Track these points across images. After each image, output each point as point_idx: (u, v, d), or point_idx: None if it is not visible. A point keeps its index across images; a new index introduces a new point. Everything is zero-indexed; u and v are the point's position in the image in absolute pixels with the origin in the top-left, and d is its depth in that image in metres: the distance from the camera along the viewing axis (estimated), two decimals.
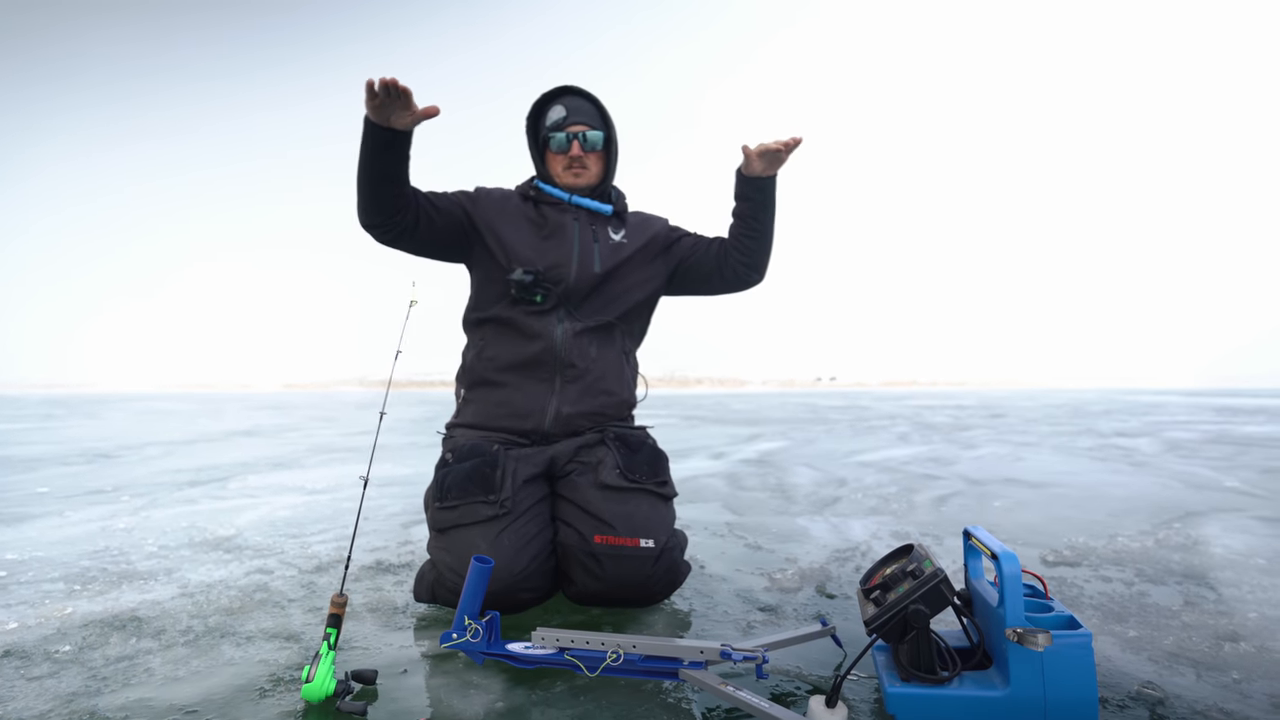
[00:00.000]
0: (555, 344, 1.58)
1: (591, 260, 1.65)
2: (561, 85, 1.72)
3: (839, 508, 2.76)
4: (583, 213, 1.69)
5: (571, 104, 1.68)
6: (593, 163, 1.69)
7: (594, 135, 1.67)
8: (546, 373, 1.59)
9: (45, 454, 5.15)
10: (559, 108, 1.67)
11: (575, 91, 1.70)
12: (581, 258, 1.64)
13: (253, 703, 1.08)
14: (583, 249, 1.65)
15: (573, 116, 1.66)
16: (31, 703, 1.09)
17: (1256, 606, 1.50)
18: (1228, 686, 1.12)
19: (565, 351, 1.59)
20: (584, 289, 1.63)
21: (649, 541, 1.42)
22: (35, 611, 1.53)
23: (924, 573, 1.05)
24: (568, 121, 1.66)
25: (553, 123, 1.67)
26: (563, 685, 1.13)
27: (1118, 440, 5.62)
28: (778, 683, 1.15)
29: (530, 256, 1.61)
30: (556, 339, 1.58)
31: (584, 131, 1.65)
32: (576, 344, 1.60)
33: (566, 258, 1.63)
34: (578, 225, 1.67)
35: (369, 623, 1.44)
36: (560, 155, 1.68)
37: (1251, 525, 2.34)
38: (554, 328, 1.59)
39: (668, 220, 1.82)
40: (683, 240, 1.79)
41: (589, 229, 1.68)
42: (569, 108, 1.67)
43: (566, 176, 1.68)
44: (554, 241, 1.64)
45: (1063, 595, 1.58)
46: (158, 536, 2.29)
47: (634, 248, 1.71)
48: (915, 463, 4.22)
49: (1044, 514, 2.58)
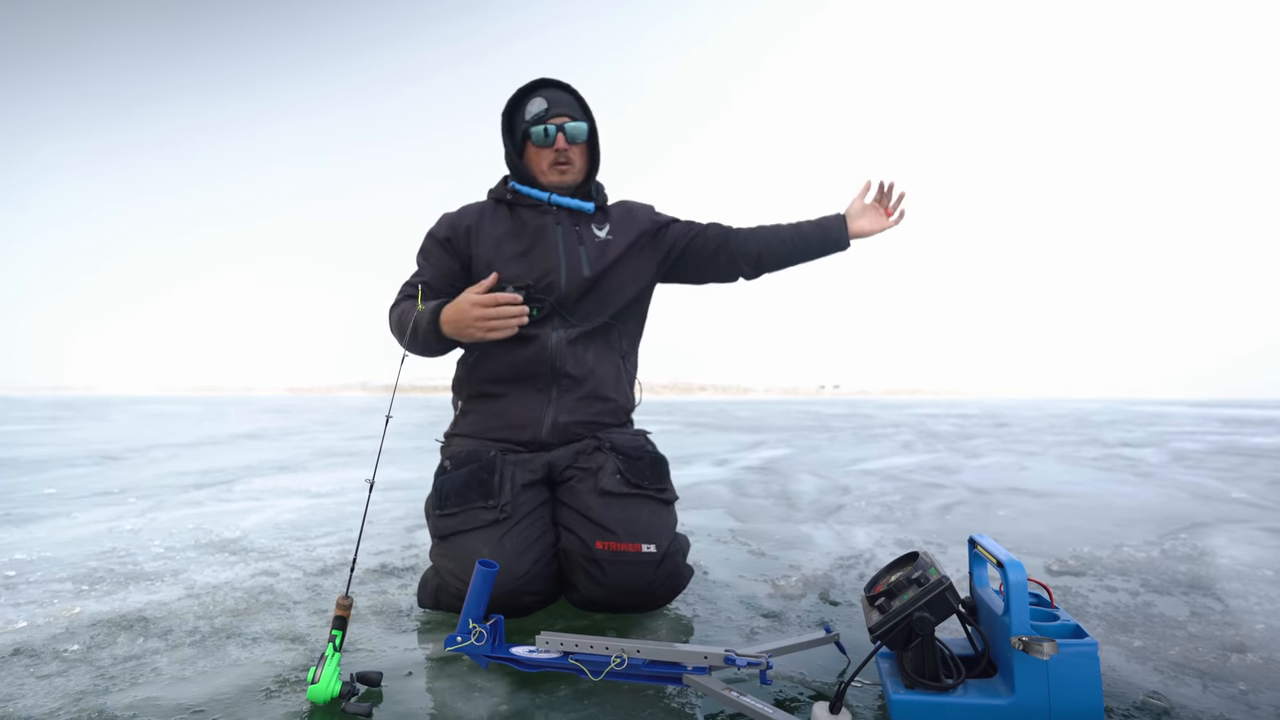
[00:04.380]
0: (550, 353, 1.56)
1: (580, 264, 1.59)
2: (539, 78, 1.61)
3: (843, 515, 2.75)
4: (564, 213, 1.62)
5: (552, 96, 1.59)
6: (577, 157, 1.61)
7: (577, 127, 1.58)
8: (543, 382, 1.57)
9: (53, 456, 5.18)
10: (539, 100, 1.58)
11: (554, 84, 1.61)
12: (569, 263, 1.58)
13: (259, 703, 1.09)
14: (569, 253, 1.59)
15: (555, 108, 1.57)
16: (41, 700, 1.10)
17: (1264, 618, 1.49)
18: (1234, 697, 1.12)
19: (561, 360, 1.56)
20: (575, 294, 1.58)
21: (651, 546, 1.41)
22: (44, 611, 1.55)
23: (929, 580, 1.05)
24: (550, 114, 1.57)
25: (533, 115, 1.57)
26: (567, 689, 1.13)
27: (1123, 450, 5.60)
28: (781, 689, 1.15)
29: (518, 271, 1.56)
30: (550, 347, 1.56)
31: (567, 123, 1.57)
32: (572, 351, 1.57)
33: (554, 265, 1.57)
34: (560, 229, 1.60)
35: (374, 625, 1.45)
36: (544, 150, 1.59)
37: (1259, 536, 2.32)
38: (548, 336, 1.56)
39: (652, 207, 1.76)
40: (671, 227, 1.73)
41: (572, 230, 1.61)
42: (550, 100, 1.58)
43: (551, 174, 1.61)
44: (538, 250, 1.59)
45: (1068, 605, 1.58)
46: (164, 538, 2.30)
47: (623, 244, 1.65)
48: (919, 471, 4.21)
49: (1049, 523, 2.57)
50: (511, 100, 1.61)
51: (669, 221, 1.74)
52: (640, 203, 1.77)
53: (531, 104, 1.58)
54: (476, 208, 1.67)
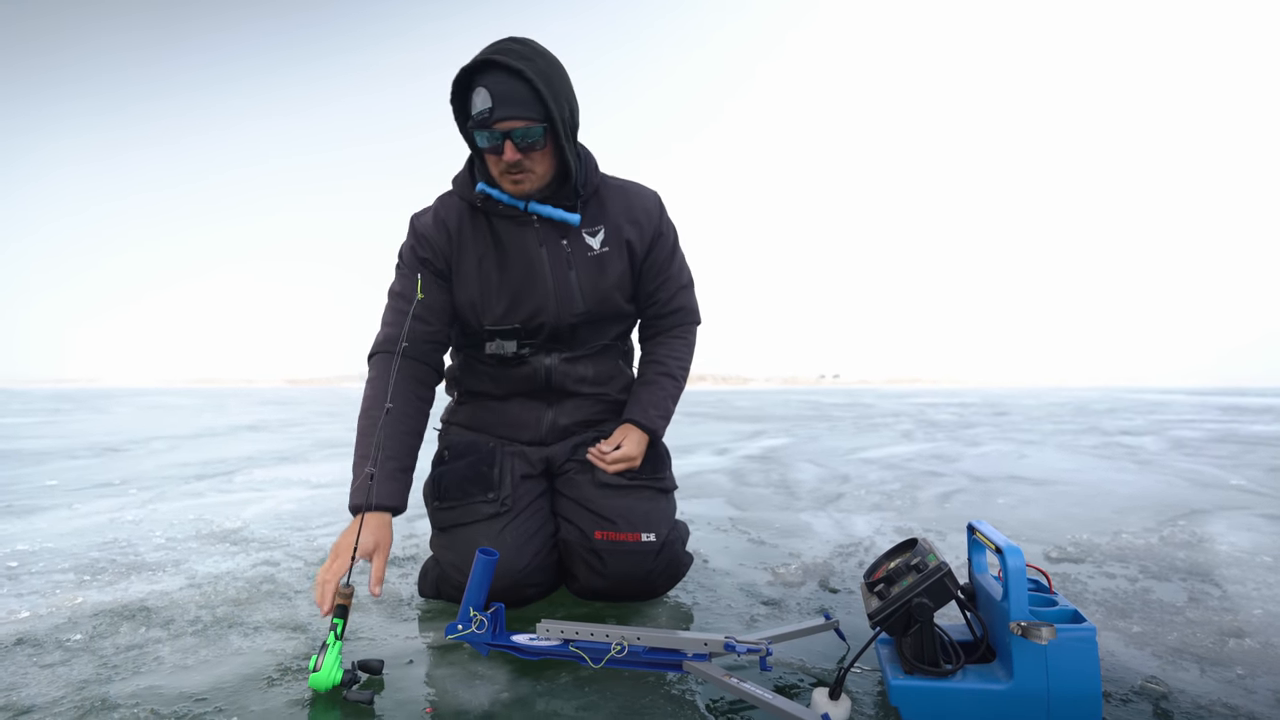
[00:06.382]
0: (544, 375, 1.51)
1: (572, 296, 1.46)
2: (483, 56, 1.28)
3: (842, 503, 2.76)
4: (546, 225, 1.44)
5: (498, 88, 1.27)
6: (537, 163, 1.35)
7: (528, 132, 1.29)
8: (539, 396, 1.55)
9: (54, 448, 5.19)
10: (483, 93, 1.28)
11: (502, 65, 1.27)
12: (559, 295, 1.45)
13: (260, 691, 1.09)
14: (558, 283, 1.44)
15: (500, 109, 1.27)
16: (44, 689, 1.10)
17: (1261, 603, 1.50)
18: (1232, 682, 1.12)
19: (559, 379, 1.52)
20: (568, 328, 1.48)
21: (650, 536, 1.41)
22: (46, 601, 1.55)
23: (928, 566, 1.05)
24: (494, 116, 1.27)
25: (477, 115, 1.29)
26: (567, 676, 1.14)
27: (1122, 438, 5.60)
28: (781, 675, 1.15)
29: (504, 310, 1.44)
30: (545, 369, 1.51)
31: (515, 129, 1.29)
32: (570, 370, 1.53)
33: (543, 303, 1.44)
34: (545, 250, 1.43)
35: (374, 614, 1.45)
36: (494, 157, 1.35)
37: (1257, 523, 2.33)
38: (540, 361, 1.51)
39: (658, 200, 1.57)
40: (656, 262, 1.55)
41: (559, 248, 1.44)
42: (495, 94, 1.27)
43: (505, 183, 1.37)
44: (523, 281, 1.44)
45: (1066, 591, 1.58)
46: (165, 529, 2.31)
47: (618, 269, 1.49)
48: (919, 460, 4.22)
49: (1048, 511, 2.57)
50: (455, 85, 1.32)
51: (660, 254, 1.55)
52: (646, 191, 1.57)
53: (476, 97, 1.29)
54: (453, 217, 1.46)
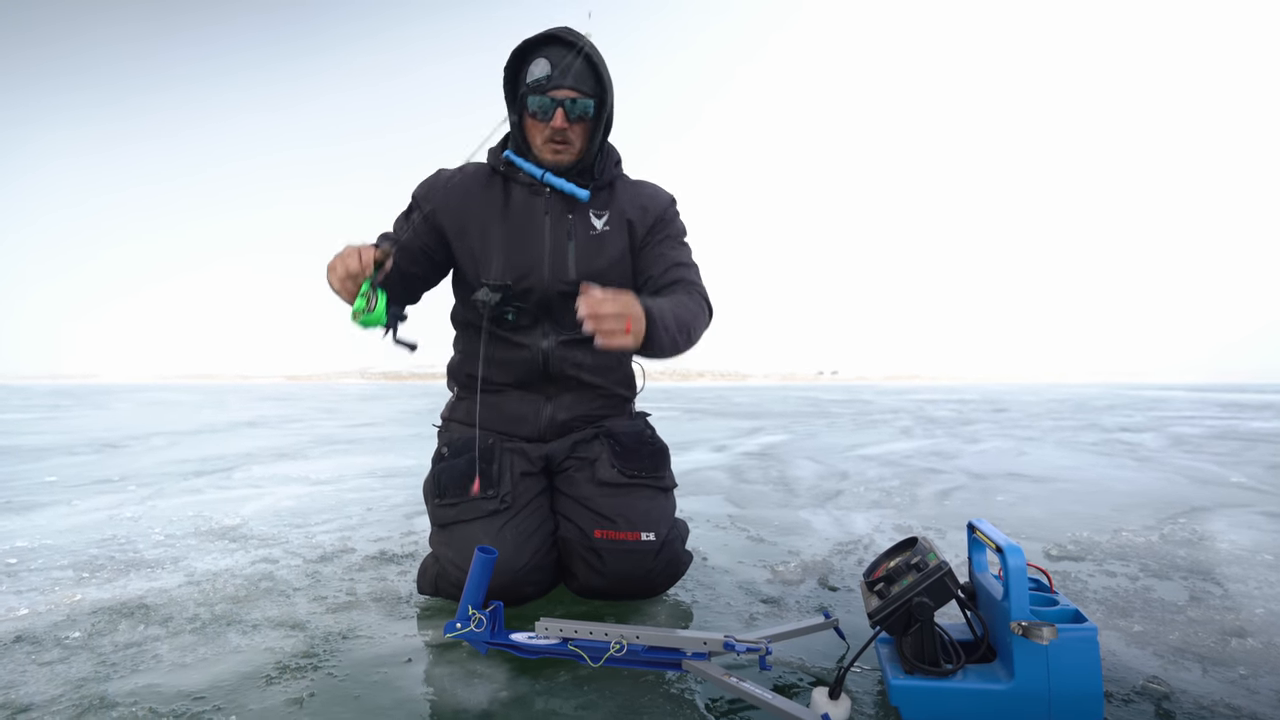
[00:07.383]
0: (542, 360, 1.50)
1: (565, 264, 1.46)
2: (549, 30, 1.39)
3: (841, 501, 2.75)
4: (556, 197, 1.47)
5: (559, 60, 1.37)
6: (577, 135, 1.43)
7: (581, 104, 1.39)
8: (538, 385, 1.53)
9: (53, 444, 5.18)
10: (542, 62, 1.38)
11: (564, 41, 1.38)
12: (553, 262, 1.45)
13: (259, 689, 1.09)
14: (554, 250, 1.46)
15: (559, 77, 1.37)
16: (42, 687, 1.10)
17: (1263, 602, 1.50)
18: (1234, 682, 1.12)
19: (556, 365, 1.50)
20: (559, 298, 1.46)
21: (650, 535, 1.41)
22: (45, 598, 1.55)
23: (928, 565, 1.04)
24: (551, 83, 1.37)
25: (534, 82, 1.38)
26: (566, 675, 1.13)
27: (1122, 435, 5.60)
28: (781, 674, 1.15)
29: (499, 266, 1.45)
30: (542, 354, 1.50)
31: (569, 99, 1.38)
32: (568, 355, 1.51)
33: (536, 262, 1.45)
34: (549, 218, 1.47)
35: (374, 612, 1.45)
36: (540, 124, 1.42)
37: (1258, 521, 2.33)
38: (537, 343, 1.49)
39: (673, 201, 1.59)
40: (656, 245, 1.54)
41: (563, 219, 1.47)
42: (555, 64, 1.37)
43: (545, 151, 1.44)
44: (522, 242, 1.46)
45: (1067, 589, 1.58)
46: (164, 525, 2.30)
47: (619, 241, 1.50)
48: (918, 457, 4.22)
49: (1048, 508, 2.57)
50: (514, 55, 1.42)
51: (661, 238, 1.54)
52: (662, 192, 1.59)
53: (534, 66, 1.39)
54: (471, 177, 1.53)
